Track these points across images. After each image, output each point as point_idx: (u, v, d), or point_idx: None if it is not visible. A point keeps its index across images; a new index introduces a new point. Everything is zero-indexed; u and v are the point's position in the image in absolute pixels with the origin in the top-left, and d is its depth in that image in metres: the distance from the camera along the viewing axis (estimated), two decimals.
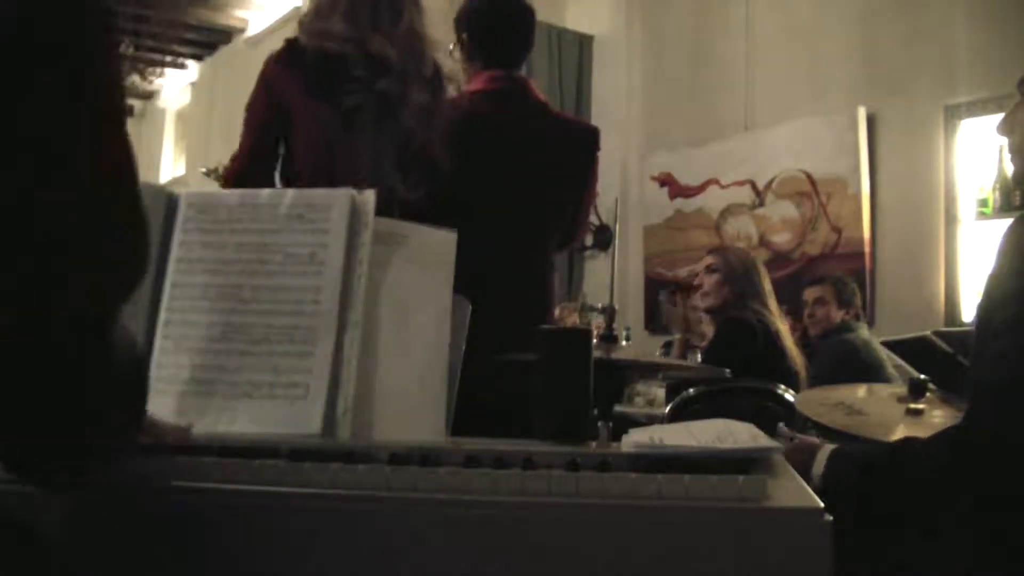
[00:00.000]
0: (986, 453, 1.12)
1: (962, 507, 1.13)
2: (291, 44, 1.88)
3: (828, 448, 1.29)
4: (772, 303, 3.21)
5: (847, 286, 3.80)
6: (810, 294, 3.85)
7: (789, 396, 2.70)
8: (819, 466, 1.27)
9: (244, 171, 1.84)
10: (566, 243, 2.30)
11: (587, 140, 2.23)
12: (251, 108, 1.89)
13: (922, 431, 1.32)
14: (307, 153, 1.84)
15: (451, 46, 2.21)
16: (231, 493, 0.86)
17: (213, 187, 2.21)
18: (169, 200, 1.23)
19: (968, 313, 4.09)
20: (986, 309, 1.23)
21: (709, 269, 3.27)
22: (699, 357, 3.52)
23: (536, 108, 2.16)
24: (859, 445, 1.43)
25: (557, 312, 5.07)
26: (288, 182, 1.85)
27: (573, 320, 4.47)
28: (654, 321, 5.66)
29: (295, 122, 1.83)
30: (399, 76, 1.84)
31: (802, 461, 1.24)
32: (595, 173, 2.25)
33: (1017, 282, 1.17)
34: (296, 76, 1.83)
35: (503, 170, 2.05)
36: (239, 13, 7.76)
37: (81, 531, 0.85)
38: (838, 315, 3.75)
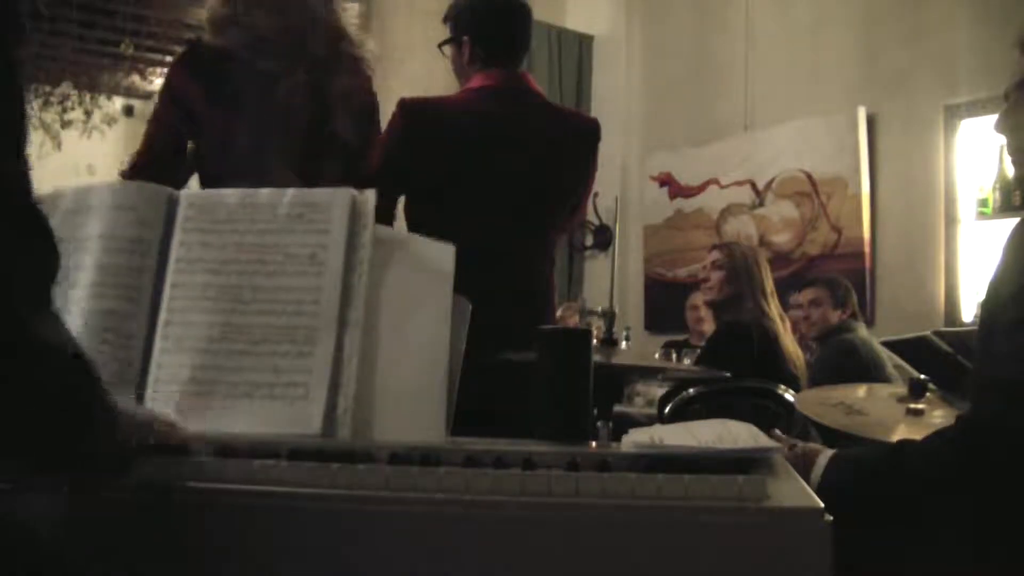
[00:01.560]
0: (995, 451, 1.12)
1: (968, 505, 1.13)
2: (193, 47, 1.91)
3: (827, 453, 1.29)
4: (773, 303, 3.21)
5: (840, 286, 3.80)
6: (805, 296, 3.84)
7: (789, 396, 2.70)
8: (818, 471, 1.26)
9: (141, 166, 1.84)
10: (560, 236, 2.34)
11: (588, 133, 2.22)
12: (155, 112, 1.90)
13: (922, 431, 1.32)
14: (212, 152, 1.86)
15: (441, 45, 2.21)
16: (231, 493, 0.86)
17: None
18: (169, 200, 1.23)
19: (968, 313, 4.09)
20: (991, 309, 1.23)
21: (715, 265, 3.28)
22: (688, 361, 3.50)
23: (536, 103, 2.17)
24: (858, 449, 1.42)
25: (559, 312, 5.07)
26: (205, 181, 1.88)
27: (574, 321, 4.47)
28: (654, 321, 5.66)
29: (201, 125, 1.85)
30: (281, 54, 1.83)
31: (801, 468, 1.23)
32: (595, 166, 2.26)
33: (1023, 281, 1.17)
34: (198, 82, 1.85)
35: (506, 167, 2.05)
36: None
37: (81, 531, 0.85)
38: (834, 316, 3.74)
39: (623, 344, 3.69)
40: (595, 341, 1.50)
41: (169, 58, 8.18)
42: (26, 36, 0.69)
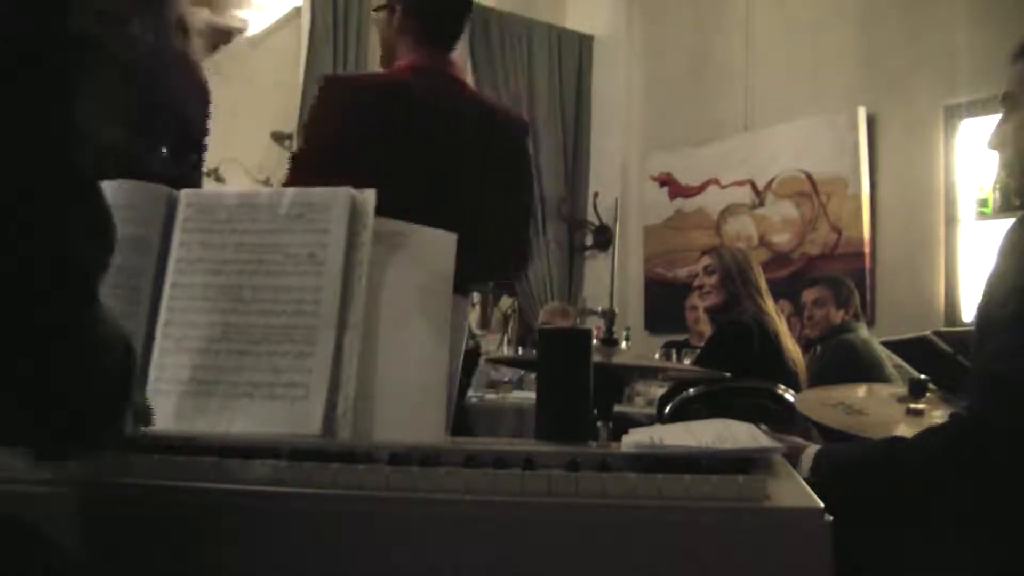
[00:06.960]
0: (990, 448, 1.12)
1: (963, 502, 1.13)
2: None
3: (813, 449, 1.29)
4: (769, 300, 3.22)
5: (844, 286, 3.81)
6: (808, 295, 3.86)
7: (789, 396, 2.70)
8: (804, 467, 1.26)
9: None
10: (518, 264, 2.07)
11: (516, 130, 2.04)
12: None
13: None
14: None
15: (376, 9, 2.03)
16: (231, 493, 0.86)
17: (213, 187, 2.20)
18: (169, 200, 1.23)
19: (968, 313, 4.09)
20: (987, 307, 1.23)
21: (708, 270, 3.28)
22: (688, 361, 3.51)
23: (463, 92, 2.02)
24: (844, 445, 1.42)
25: (540, 316, 5.05)
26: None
27: (561, 323, 4.45)
28: (654, 321, 5.66)
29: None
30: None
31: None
32: (531, 173, 2.09)
33: (1018, 280, 1.17)
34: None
35: (430, 156, 1.86)
36: (239, 13, 7.75)
37: (81, 531, 0.85)
38: (837, 316, 3.76)
39: (623, 344, 3.70)
40: (595, 340, 1.50)
41: None
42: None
